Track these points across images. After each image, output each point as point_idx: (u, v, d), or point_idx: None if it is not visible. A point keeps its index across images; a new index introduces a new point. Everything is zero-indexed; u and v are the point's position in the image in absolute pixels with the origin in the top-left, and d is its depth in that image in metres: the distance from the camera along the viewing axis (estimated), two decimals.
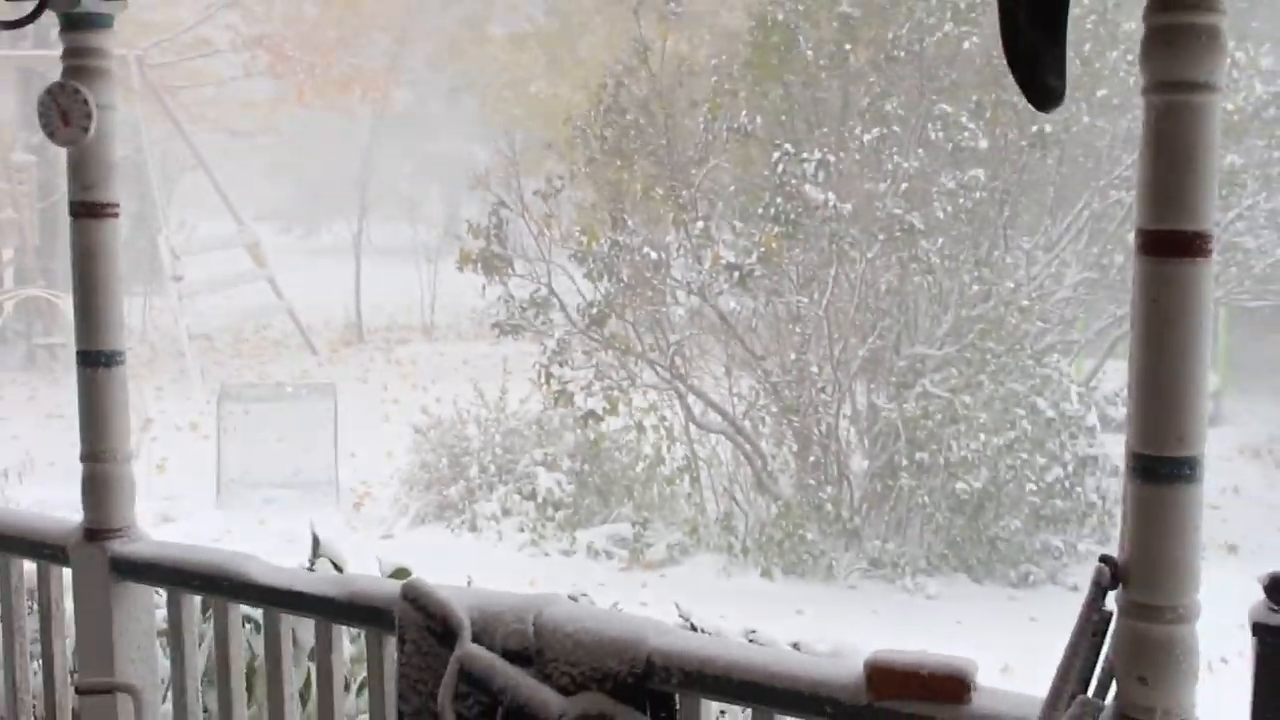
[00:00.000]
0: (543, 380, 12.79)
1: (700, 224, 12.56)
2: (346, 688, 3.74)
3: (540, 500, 12.97)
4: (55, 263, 22.78)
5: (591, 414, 12.78)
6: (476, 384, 14.87)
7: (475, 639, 2.88)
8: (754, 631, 3.89)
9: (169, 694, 3.92)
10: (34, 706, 4.08)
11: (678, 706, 2.88)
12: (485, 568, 9.91)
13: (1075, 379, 13.20)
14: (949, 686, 2.63)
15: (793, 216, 12.04)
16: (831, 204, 11.94)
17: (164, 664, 3.97)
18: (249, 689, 3.84)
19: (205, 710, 3.88)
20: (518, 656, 2.84)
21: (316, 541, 4.48)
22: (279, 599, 3.50)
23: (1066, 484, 12.10)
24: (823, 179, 12.13)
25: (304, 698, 3.92)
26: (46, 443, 15.15)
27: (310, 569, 4.19)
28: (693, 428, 13.00)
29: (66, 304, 18.30)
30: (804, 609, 10.95)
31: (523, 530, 12.79)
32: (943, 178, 12.37)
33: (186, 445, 16.61)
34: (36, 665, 4.13)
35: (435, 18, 28.91)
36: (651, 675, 2.83)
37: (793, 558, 11.78)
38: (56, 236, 22.87)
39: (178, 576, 3.69)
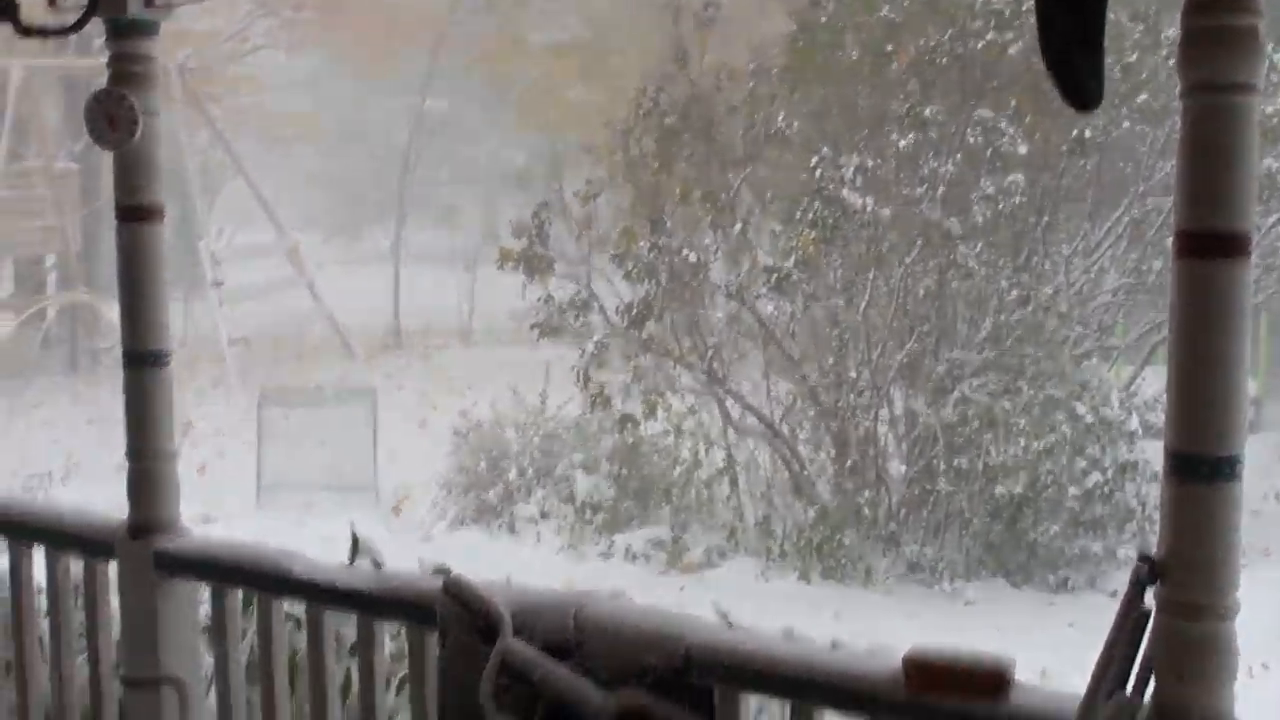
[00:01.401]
0: (581, 384, 12.83)
1: (738, 227, 12.58)
2: (387, 684, 3.78)
3: (579, 503, 13.00)
4: (98, 268, 22.97)
5: (629, 417, 12.81)
6: (515, 388, 14.92)
7: (516, 633, 2.90)
8: (791, 629, 3.90)
9: (213, 688, 3.96)
10: (80, 701, 4.12)
11: (717, 701, 2.89)
12: (523, 570, 9.93)
13: (1115, 385, 13.14)
14: (987, 682, 2.64)
15: (831, 221, 12.05)
16: (869, 209, 11.94)
17: (208, 659, 4.02)
18: (291, 684, 3.87)
19: (248, 705, 3.92)
20: (558, 651, 2.86)
21: (356, 541, 4.52)
22: (321, 595, 3.53)
23: (1106, 489, 12.05)
24: (861, 184, 12.14)
25: (345, 693, 3.95)
26: (89, 446, 15.29)
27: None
28: (730, 432, 13.01)
29: (108, 309, 18.47)
30: (841, 612, 10.95)
31: (561, 533, 12.82)
32: (981, 183, 12.34)
33: (227, 449, 16.72)
34: (83, 660, 4.17)
35: (471, 26, 29.01)
36: (691, 670, 2.84)
37: (830, 562, 11.77)
38: (99, 242, 23.06)
39: (221, 572, 3.72)
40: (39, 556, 4.16)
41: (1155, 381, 14.60)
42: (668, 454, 13.32)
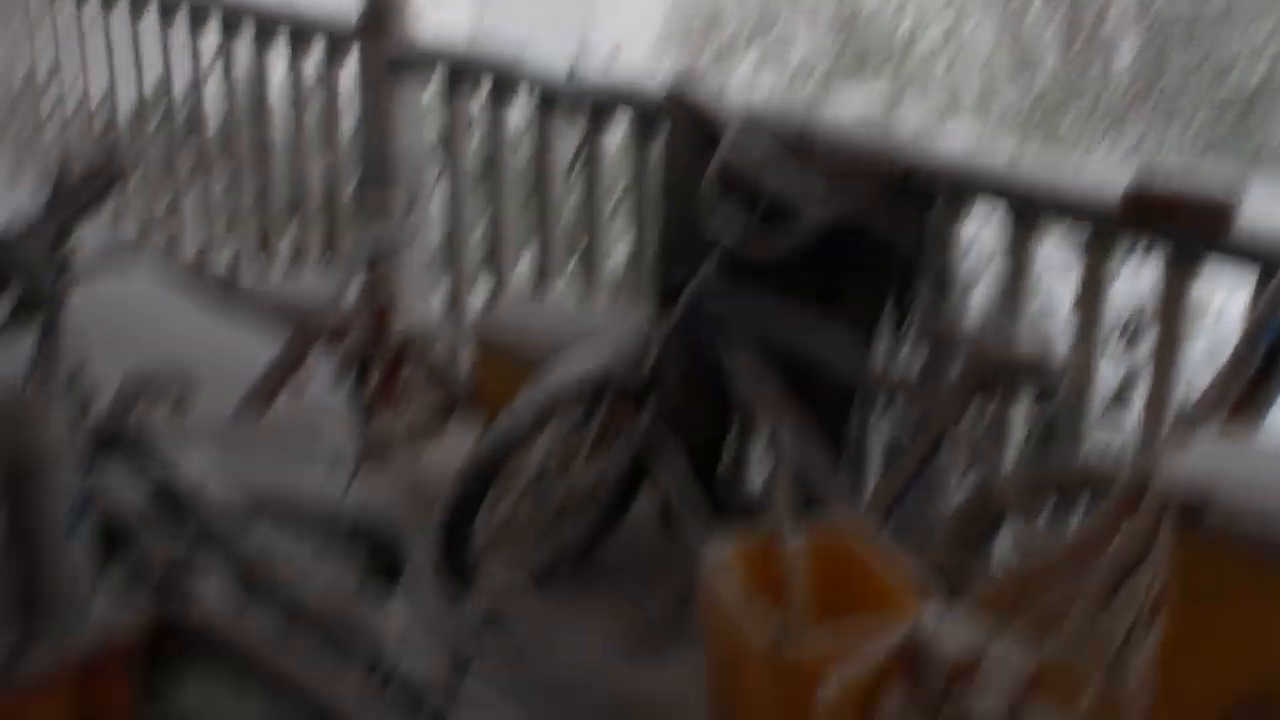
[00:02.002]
0: None
1: None
2: (610, 188, 3.84)
3: (796, 60, 12.77)
4: None
5: None
6: None
7: (740, 137, 2.91)
8: None
9: (439, 186, 4.08)
10: (318, 190, 4.29)
11: (938, 209, 2.89)
12: None
13: None
14: (1209, 216, 2.61)
15: None
16: None
17: (437, 159, 4.11)
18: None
19: (473, 203, 4.02)
20: (782, 154, 2.87)
21: (579, 56, 4.51)
22: (550, 98, 3.59)
23: None
24: None
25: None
26: None
27: None
28: (955, 3, 12.59)
29: None
30: None
31: (775, 90, 12.64)
32: None
33: None
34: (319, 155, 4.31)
35: None
36: (914, 176, 2.85)
37: (1050, 138, 11.50)
38: None
39: (453, 69, 3.78)
40: (280, 57, 4.26)
41: None
42: (889, 22, 12.93)
